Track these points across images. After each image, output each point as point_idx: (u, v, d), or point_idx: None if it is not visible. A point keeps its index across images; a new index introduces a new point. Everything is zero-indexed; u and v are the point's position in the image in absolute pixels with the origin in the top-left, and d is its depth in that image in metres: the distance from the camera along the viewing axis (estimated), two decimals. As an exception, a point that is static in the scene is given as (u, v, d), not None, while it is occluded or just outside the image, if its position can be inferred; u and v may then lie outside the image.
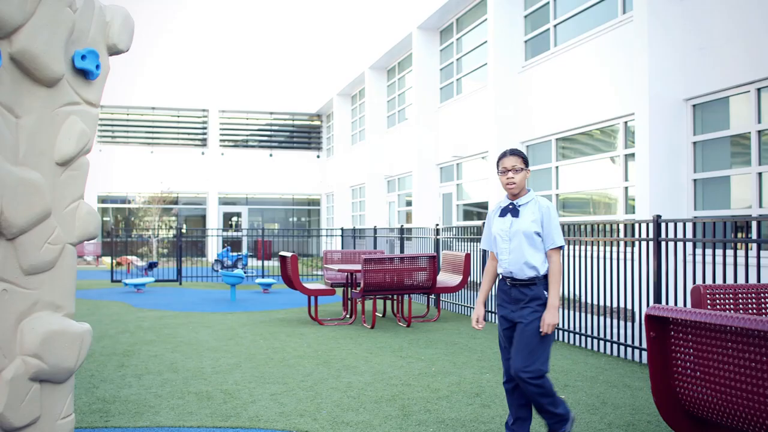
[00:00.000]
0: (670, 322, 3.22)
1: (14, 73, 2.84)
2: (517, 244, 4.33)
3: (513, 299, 4.37)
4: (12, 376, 2.83)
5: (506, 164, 4.39)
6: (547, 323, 4.22)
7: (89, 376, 6.57)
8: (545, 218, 4.34)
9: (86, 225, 3.23)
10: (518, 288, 4.35)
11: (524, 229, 4.32)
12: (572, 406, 5.54)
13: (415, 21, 20.57)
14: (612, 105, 12.15)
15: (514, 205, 4.42)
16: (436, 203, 20.26)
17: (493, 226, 4.51)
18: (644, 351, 7.27)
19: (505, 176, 4.39)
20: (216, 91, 33.12)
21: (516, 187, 4.38)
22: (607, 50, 12.40)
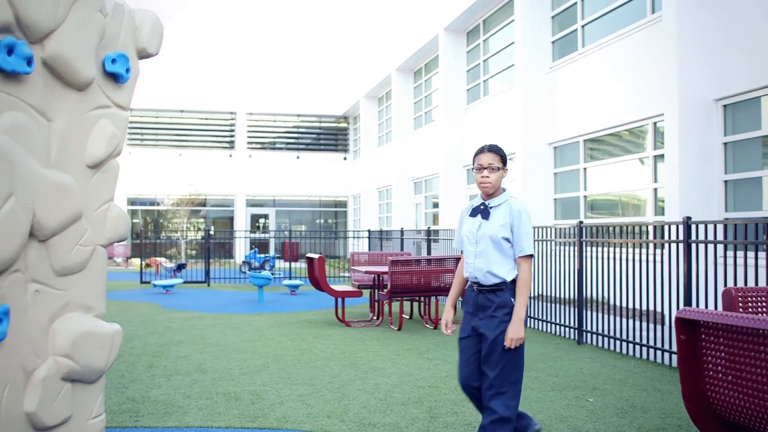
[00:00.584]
0: (700, 325, 3.19)
1: (46, 77, 2.87)
2: (483, 249, 4.06)
3: (479, 306, 4.09)
4: (44, 376, 2.87)
5: (482, 161, 4.10)
6: (510, 337, 3.91)
7: (119, 377, 6.64)
8: (515, 223, 4.04)
9: (116, 227, 3.26)
10: (484, 294, 4.07)
11: (491, 233, 4.04)
12: (601, 410, 5.50)
13: (441, 23, 20.54)
14: (641, 106, 12.04)
15: (486, 206, 4.14)
16: (463, 205, 20.20)
17: (463, 226, 4.26)
18: (674, 354, 7.19)
19: (480, 174, 4.11)
20: (243, 93, 33.32)
21: (491, 186, 4.09)
22: (636, 50, 12.29)
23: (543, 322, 9.82)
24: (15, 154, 2.66)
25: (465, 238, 4.19)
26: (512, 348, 3.92)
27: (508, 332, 3.93)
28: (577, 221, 9.20)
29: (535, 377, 6.72)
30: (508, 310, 3.99)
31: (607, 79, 13.20)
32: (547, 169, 15.35)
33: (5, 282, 2.70)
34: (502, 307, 4.00)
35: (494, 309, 4.01)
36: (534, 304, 10.22)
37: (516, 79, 16.01)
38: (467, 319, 4.17)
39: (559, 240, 9.53)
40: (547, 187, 15.32)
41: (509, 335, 3.91)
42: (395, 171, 25.64)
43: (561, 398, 5.90)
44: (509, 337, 3.91)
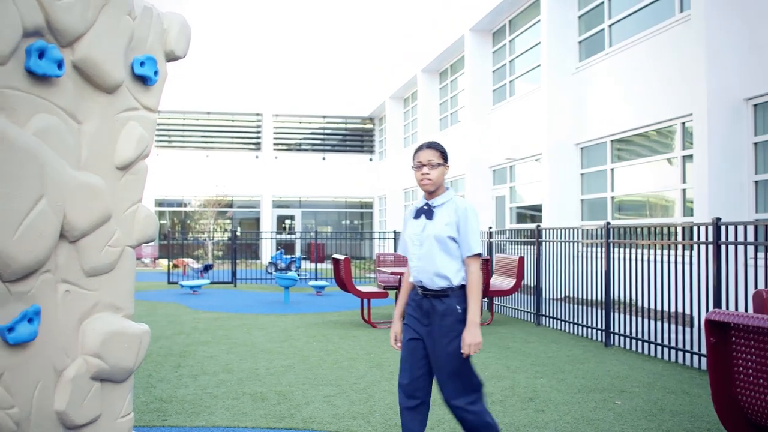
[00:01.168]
0: (731, 328, 3.15)
1: (76, 80, 2.91)
2: (428, 250, 3.81)
3: (424, 311, 3.85)
4: (74, 375, 2.90)
5: (421, 158, 3.87)
6: (467, 343, 3.66)
7: (147, 376, 6.70)
8: (461, 221, 3.82)
9: (145, 228, 3.29)
10: (429, 299, 3.82)
11: (436, 233, 3.80)
12: (629, 413, 5.45)
13: (467, 23, 20.49)
14: (669, 105, 11.92)
15: (429, 206, 3.91)
16: (489, 206, 20.13)
17: (407, 229, 4.01)
18: (703, 357, 7.11)
19: (420, 171, 3.87)
20: (270, 95, 33.49)
21: (431, 184, 3.86)
22: (664, 50, 12.17)
23: (570, 324, 9.75)
24: (46, 156, 2.70)
25: (409, 240, 3.94)
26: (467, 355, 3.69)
27: (464, 338, 3.68)
28: (604, 222, 9.13)
29: (562, 379, 6.68)
30: (454, 318, 3.76)
31: (635, 79, 13.09)
32: (574, 170, 15.25)
33: (36, 282, 2.73)
34: (447, 315, 3.77)
35: (440, 317, 3.77)
36: (561, 305, 10.16)
37: (542, 80, 15.93)
38: (412, 322, 3.91)
39: (586, 241, 9.46)
40: (574, 188, 15.22)
41: (466, 341, 3.66)
42: (420, 172, 25.56)
43: (588, 401, 5.86)
44: (466, 344, 3.66)
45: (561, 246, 10.14)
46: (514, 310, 11.64)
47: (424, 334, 3.83)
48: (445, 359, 3.73)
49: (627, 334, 8.43)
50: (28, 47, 2.63)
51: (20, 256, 2.59)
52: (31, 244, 2.63)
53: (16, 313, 2.64)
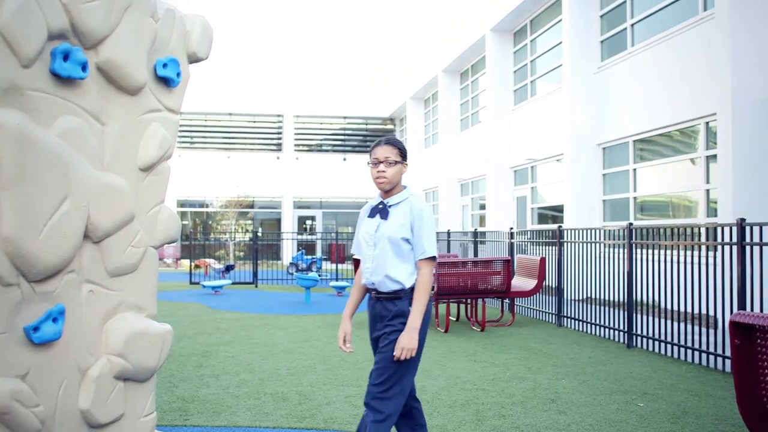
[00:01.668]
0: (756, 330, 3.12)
1: (100, 82, 2.94)
2: (381, 251, 3.65)
3: (377, 315, 3.72)
4: (98, 375, 2.93)
5: (378, 155, 3.69)
6: (401, 346, 3.47)
7: (169, 376, 6.74)
8: (416, 222, 3.66)
9: (168, 228, 3.32)
10: (382, 302, 3.68)
11: (390, 233, 3.64)
12: (652, 415, 5.41)
13: (488, 23, 20.44)
14: (692, 105, 11.82)
15: (385, 205, 3.75)
16: (510, 206, 20.07)
17: (361, 228, 3.83)
18: (728, 359, 7.04)
19: (376, 169, 3.70)
20: (291, 96, 33.59)
21: (387, 182, 3.68)
22: (687, 49, 12.07)
23: (592, 325, 9.69)
24: (70, 158, 2.73)
25: (363, 240, 3.77)
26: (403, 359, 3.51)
27: (399, 341, 3.50)
28: (626, 223, 9.07)
29: (584, 381, 6.64)
30: (404, 319, 3.61)
31: (657, 79, 12.99)
32: (596, 171, 15.16)
33: (61, 282, 2.77)
34: (398, 316, 3.63)
35: (391, 318, 3.63)
36: (583, 306, 10.10)
37: (564, 80, 15.85)
38: (370, 328, 3.82)
39: (608, 242, 9.40)
40: (596, 188, 15.13)
41: (400, 344, 3.49)
42: (442, 172, 25.60)
43: (610, 402, 5.82)
44: (400, 346, 3.48)
45: (583, 247, 10.09)
46: (536, 311, 11.59)
47: (375, 336, 3.75)
48: (386, 363, 3.55)
49: (650, 336, 8.36)
50: (53, 50, 2.66)
51: (45, 256, 2.62)
52: (55, 244, 2.66)
53: (41, 313, 2.67)
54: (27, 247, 2.55)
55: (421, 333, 3.59)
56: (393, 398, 3.55)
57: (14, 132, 2.49)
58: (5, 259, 2.51)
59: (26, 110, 2.58)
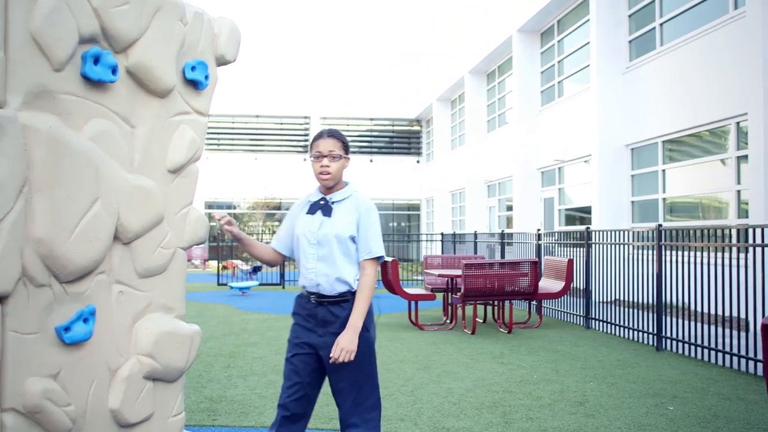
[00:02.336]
0: (788, 333, 3.07)
1: (130, 85, 2.98)
2: (328, 252, 3.44)
3: (319, 321, 3.46)
4: (128, 374, 2.96)
5: (321, 148, 3.49)
6: (340, 347, 3.29)
7: (197, 376, 6.79)
8: (363, 220, 3.49)
9: (196, 230, 3.34)
10: (326, 307, 3.44)
11: (337, 232, 3.44)
12: (682, 419, 5.35)
13: (515, 24, 20.35)
14: (722, 105, 11.67)
15: (327, 201, 3.53)
16: (538, 208, 19.96)
17: (298, 224, 3.56)
18: (759, 362, 6.93)
19: (319, 163, 3.48)
20: (317, 98, 33.71)
21: (331, 178, 3.49)
22: (717, 48, 11.93)
23: (620, 328, 9.61)
24: (101, 160, 2.76)
25: (302, 238, 3.50)
26: (345, 362, 3.33)
27: (339, 341, 3.32)
28: (655, 224, 8.98)
29: (613, 383, 6.58)
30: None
31: (687, 78, 12.85)
32: (624, 171, 15.03)
33: (91, 283, 2.80)
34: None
35: (339, 325, 3.42)
36: (611, 309, 10.02)
37: (591, 80, 15.74)
38: (300, 333, 3.53)
39: (637, 243, 9.32)
40: (624, 189, 15.00)
41: (340, 345, 3.30)
42: (468, 174, 25.53)
43: (639, 405, 5.76)
44: (339, 347, 3.30)
45: (611, 248, 10.00)
46: (563, 313, 11.51)
47: (319, 345, 3.45)
48: (347, 370, 3.40)
49: (679, 338, 8.27)
50: (83, 53, 2.70)
51: (76, 257, 2.65)
52: (86, 245, 2.69)
53: (72, 313, 2.70)
54: (58, 248, 2.58)
55: (369, 337, 3.48)
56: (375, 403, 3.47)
57: (46, 135, 2.53)
58: (37, 260, 2.55)
59: (58, 113, 2.61)
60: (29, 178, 2.50)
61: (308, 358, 3.48)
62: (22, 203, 2.47)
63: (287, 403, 3.48)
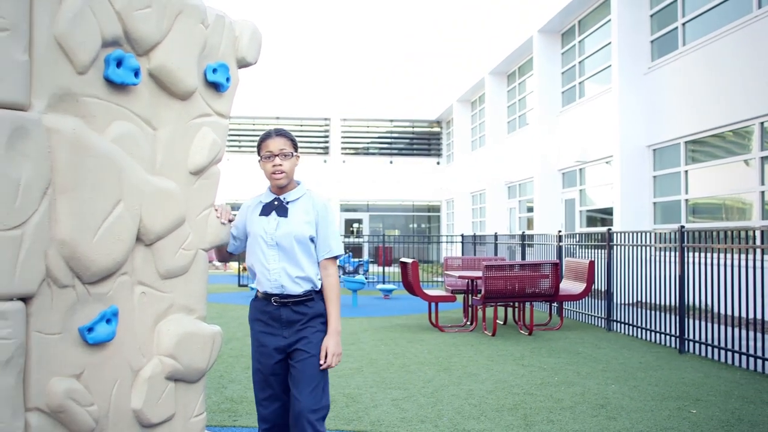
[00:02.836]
0: (813, 335, 3.03)
1: (152, 87, 3.00)
2: (289, 252, 3.39)
3: (285, 322, 3.41)
4: (150, 375, 2.98)
5: (271, 147, 3.46)
6: (331, 353, 3.37)
7: (218, 377, 6.83)
8: (321, 219, 3.47)
9: (217, 231, 3.36)
10: (290, 307, 3.40)
11: (296, 232, 3.39)
12: (705, 422, 5.30)
13: (535, 25, 20.28)
14: (746, 105, 11.56)
15: (281, 202, 3.49)
16: (559, 209, 19.86)
17: (252, 226, 3.49)
18: (784, 365, 6.86)
19: (271, 163, 3.45)
20: (337, 100, 33.77)
21: (285, 177, 3.46)
22: (741, 48, 11.81)
23: (642, 330, 9.54)
24: (123, 162, 2.79)
25: (260, 240, 3.43)
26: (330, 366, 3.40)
27: (328, 347, 3.38)
28: (678, 226, 8.91)
29: (635, 386, 6.53)
30: (324, 319, 3.47)
31: (710, 78, 12.73)
32: (646, 173, 14.93)
33: (114, 284, 2.82)
34: (316, 317, 3.44)
35: (308, 320, 3.42)
36: (633, 311, 9.95)
37: (613, 81, 15.64)
38: (264, 339, 3.47)
39: (659, 245, 9.25)
40: (646, 190, 14.89)
41: (330, 350, 3.38)
42: (489, 175, 25.46)
43: (662, 409, 5.71)
44: (331, 353, 3.38)
45: (633, 250, 9.93)
46: (584, 315, 11.44)
47: (286, 346, 3.42)
48: (312, 368, 3.36)
49: (702, 341, 8.20)
50: (106, 57, 2.72)
51: (99, 258, 2.68)
52: (109, 247, 2.72)
53: (95, 314, 2.73)
54: (82, 249, 2.61)
55: None
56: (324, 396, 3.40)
57: (70, 137, 2.56)
58: (61, 261, 2.57)
59: (81, 116, 2.64)
60: (53, 181, 2.53)
61: (278, 366, 3.44)
62: (46, 205, 2.50)
63: (266, 416, 3.48)
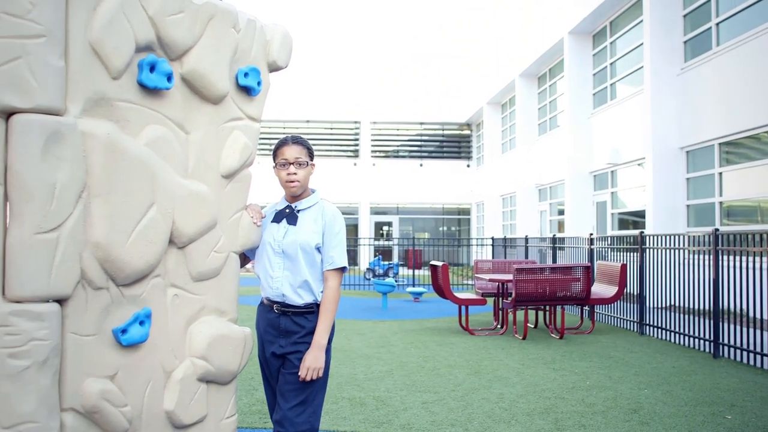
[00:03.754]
0: None
1: (184, 92, 3.03)
2: (294, 261, 3.39)
3: (283, 331, 3.42)
4: (182, 376, 3.01)
5: (287, 155, 3.43)
6: (307, 366, 3.28)
7: (249, 379, 6.86)
8: (328, 229, 3.45)
9: (248, 234, 3.38)
10: (290, 317, 3.40)
11: (303, 241, 3.39)
12: (740, 428, 5.22)
13: (566, 26, 20.15)
14: (782, 106, 11.37)
15: (292, 209, 3.50)
16: (590, 212, 19.70)
17: (264, 231, 3.51)
18: (822, 371, 6.73)
19: (285, 171, 3.44)
20: (368, 103, 33.83)
21: (299, 186, 3.46)
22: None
23: (675, 334, 9.42)
24: (156, 166, 2.82)
25: (267, 246, 3.45)
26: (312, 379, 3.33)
27: (305, 360, 3.30)
28: (712, 229, 8.78)
29: (668, 391, 6.45)
30: None
31: (745, 79, 12.54)
32: (679, 175, 14.74)
33: (147, 286, 2.86)
34: (312, 333, 3.40)
35: (305, 335, 3.39)
36: (666, 314, 9.83)
37: (645, 82, 15.47)
38: (266, 345, 3.52)
39: (693, 248, 9.13)
40: (680, 193, 14.71)
41: (307, 363, 3.29)
42: (519, 178, 25.33)
43: (696, 414, 5.64)
44: (306, 366, 3.29)
45: (666, 253, 9.82)
46: (616, 319, 11.33)
47: (279, 354, 3.45)
48: (303, 383, 3.35)
49: (737, 346, 8.07)
50: (140, 61, 2.76)
51: (133, 261, 2.71)
52: (142, 249, 2.75)
53: (128, 316, 2.76)
54: (116, 252, 2.64)
55: (327, 357, 3.42)
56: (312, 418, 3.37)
57: (104, 141, 2.59)
58: (95, 263, 2.61)
59: (116, 120, 2.68)
60: (88, 184, 2.57)
61: (278, 372, 3.48)
62: (81, 208, 2.54)
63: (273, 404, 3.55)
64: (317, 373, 3.31)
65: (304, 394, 3.34)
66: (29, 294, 2.37)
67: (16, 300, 2.37)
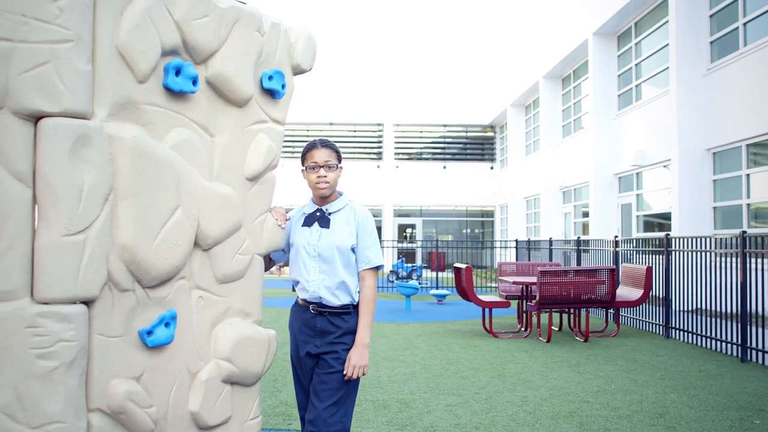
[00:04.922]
0: None
1: (209, 95, 3.05)
2: (330, 263, 3.43)
3: (318, 331, 3.47)
4: (207, 378, 3.03)
5: (317, 158, 3.47)
6: (353, 364, 3.38)
7: (273, 380, 6.89)
8: (362, 230, 3.50)
9: (273, 237, 3.40)
10: (327, 317, 3.45)
11: (339, 243, 3.44)
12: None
13: (590, 27, 20.03)
14: (811, 107, 11.22)
15: (323, 213, 3.54)
16: (615, 214, 19.55)
17: (295, 236, 3.55)
18: None
19: (316, 174, 3.47)
20: (391, 105, 33.85)
21: (328, 188, 3.49)
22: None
23: (702, 337, 9.32)
24: (182, 169, 2.84)
25: (302, 250, 3.50)
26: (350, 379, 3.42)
27: (350, 357, 3.40)
28: (739, 231, 8.69)
29: (695, 395, 6.39)
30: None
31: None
32: (706, 176, 14.59)
33: (173, 288, 2.88)
34: (349, 333, 3.47)
35: (341, 335, 3.45)
36: (692, 318, 9.73)
37: (671, 83, 15.34)
38: (300, 345, 3.58)
39: (720, 251, 9.03)
40: (706, 195, 14.56)
41: (352, 362, 3.38)
42: (543, 180, 25.21)
43: (723, 419, 5.57)
44: (352, 365, 3.38)
45: (692, 255, 9.72)
46: (642, 322, 11.24)
47: (315, 354, 3.50)
48: (335, 383, 3.41)
49: (765, 350, 7.97)
50: (165, 65, 2.78)
51: (158, 263, 2.73)
52: (168, 251, 2.77)
53: (154, 318, 2.79)
54: (142, 254, 2.67)
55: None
56: (344, 419, 3.42)
57: (131, 144, 2.62)
58: (122, 265, 2.64)
59: (142, 124, 2.70)
60: (114, 187, 2.60)
61: (312, 372, 3.53)
62: (107, 211, 2.56)
63: (304, 404, 3.59)
64: (363, 371, 3.41)
65: (339, 394, 3.39)
66: (57, 295, 2.40)
67: (44, 301, 2.39)
